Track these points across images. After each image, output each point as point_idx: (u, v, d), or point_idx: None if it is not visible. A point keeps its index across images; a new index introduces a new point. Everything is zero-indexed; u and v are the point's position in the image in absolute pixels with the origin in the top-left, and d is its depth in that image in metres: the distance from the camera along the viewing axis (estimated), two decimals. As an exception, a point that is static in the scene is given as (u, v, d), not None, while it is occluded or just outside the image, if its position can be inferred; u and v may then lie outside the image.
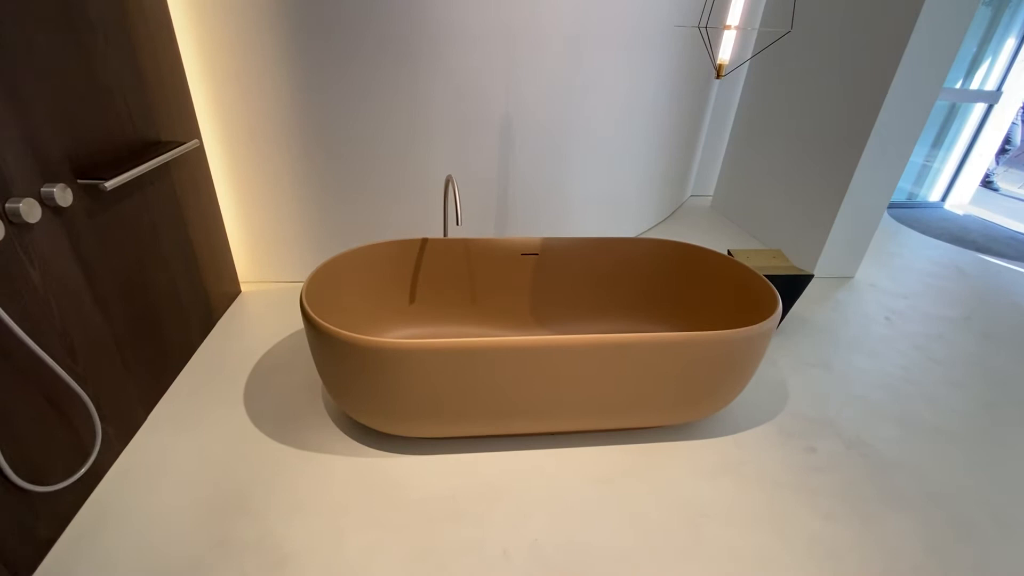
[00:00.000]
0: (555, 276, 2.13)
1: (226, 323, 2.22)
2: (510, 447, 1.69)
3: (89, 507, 1.40)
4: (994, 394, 2.11)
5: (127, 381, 1.61)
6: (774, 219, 3.27)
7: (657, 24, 2.65)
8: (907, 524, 1.51)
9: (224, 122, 2.13)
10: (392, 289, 2.03)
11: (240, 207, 2.33)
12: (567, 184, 2.76)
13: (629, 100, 2.76)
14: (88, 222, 1.42)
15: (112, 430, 1.54)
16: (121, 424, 1.58)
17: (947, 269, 3.23)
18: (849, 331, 2.49)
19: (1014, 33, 3.84)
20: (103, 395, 1.49)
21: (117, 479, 1.49)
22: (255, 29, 1.97)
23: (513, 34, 2.21)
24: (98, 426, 1.34)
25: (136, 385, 1.65)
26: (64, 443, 1.34)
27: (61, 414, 1.32)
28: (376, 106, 2.20)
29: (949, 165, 4.34)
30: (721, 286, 2.04)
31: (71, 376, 1.36)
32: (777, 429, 1.85)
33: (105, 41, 1.49)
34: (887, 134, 2.57)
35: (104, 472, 1.50)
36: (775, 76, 3.19)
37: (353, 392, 1.50)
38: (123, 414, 1.59)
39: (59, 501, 1.33)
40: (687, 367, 1.53)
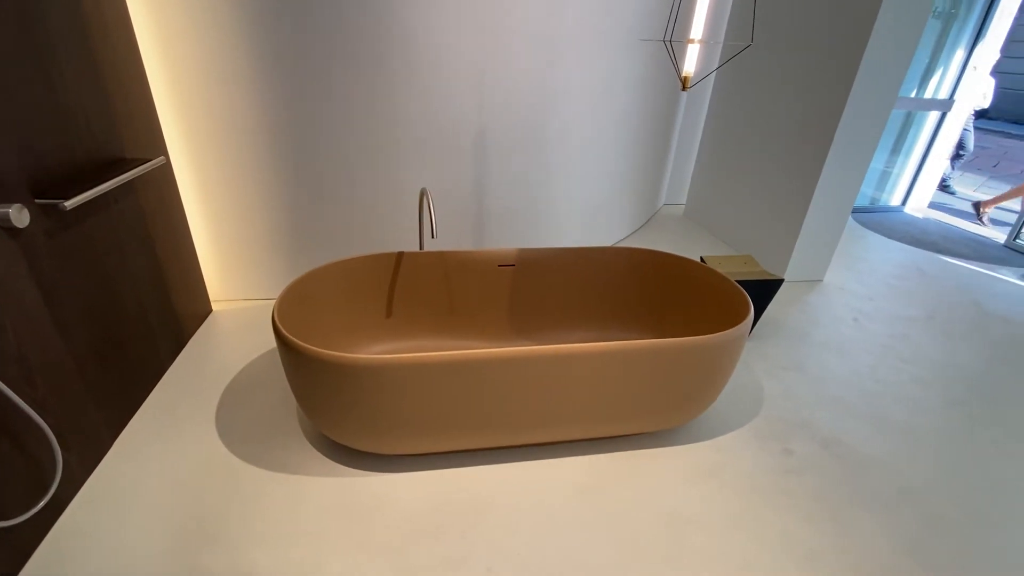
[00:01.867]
0: (532, 287, 2.13)
1: (197, 343, 2.16)
2: (491, 460, 1.67)
3: (50, 541, 1.33)
4: (959, 391, 2.18)
5: (90, 406, 1.54)
6: (745, 225, 3.35)
7: (626, 37, 2.71)
8: (882, 522, 1.55)
9: (192, 138, 2.09)
10: (368, 304, 2.01)
11: (210, 224, 2.28)
12: (542, 195, 2.78)
13: (600, 111, 2.80)
14: (47, 243, 1.37)
15: (75, 458, 1.47)
16: (85, 451, 1.52)
17: (910, 270, 3.34)
18: (820, 333, 2.55)
19: (963, 44, 4.04)
20: (65, 422, 1.43)
21: (80, 509, 1.42)
22: (223, 46, 1.95)
23: (485, 48, 2.23)
24: (59, 455, 1.29)
25: (101, 410, 1.59)
26: (22, 473, 1.27)
27: (17, 443, 1.26)
28: (348, 120, 2.19)
29: (908, 171, 4.52)
30: (695, 293, 2.07)
31: (29, 403, 1.30)
32: (754, 432, 1.88)
33: (65, 57, 1.45)
34: (848, 142, 2.67)
35: (67, 503, 1.43)
36: (741, 87, 3.29)
37: (328, 411, 1.47)
38: (87, 441, 1.53)
39: (17, 536, 1.26)
40: (664, 373, 1.55)
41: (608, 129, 2.92)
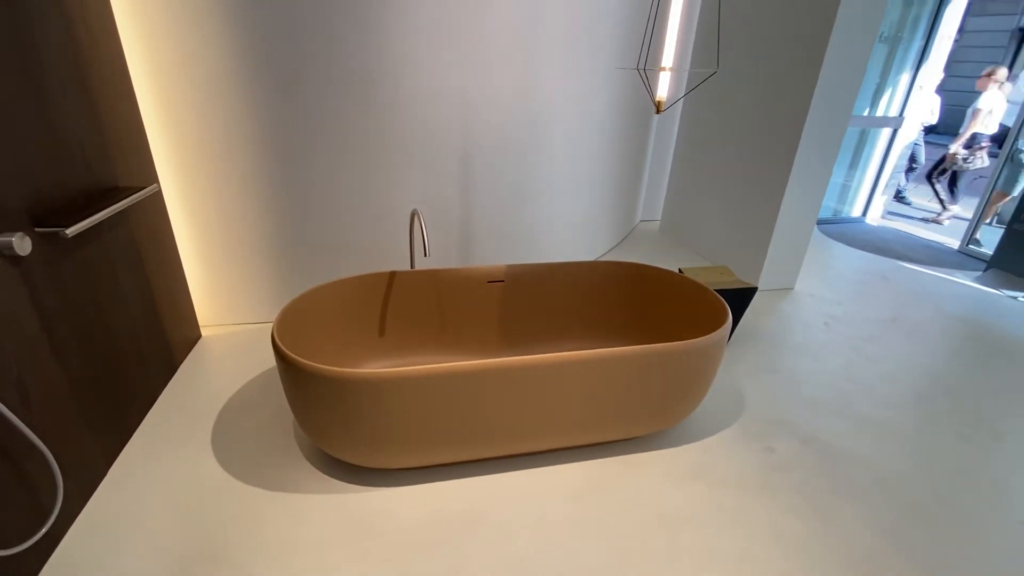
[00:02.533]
0: (521, 301, 2.20)
1: (188, 368, 2.15)
2: (487, 471, 1.71)
3: (49, 571, 1.32)
4: (924, 386, 2.31)
5: (86, 432, 1.54)
6: (718, 239, 3.51)
7: (602, 65, 2.86)
8: (861, 511, 1.63)
9: (181, 166, 2.12)
10: (361, 323, 2.05)
11: (199, 250, 2.29)
12: (525, 214, 2.87)
13: (579, 133, 2.93)
14: (46, 270, 1.39)
15: (72, 485, 1.46)
16: (82, 478, 1.51)
17: (873, 276, 3.53)
18: (794, 337, 2.67)
19: (909, 66, 4.35)
20: (62, 448, 1.42)
21: (79, 537, 1.41)
22: (215, 76, 2.01)
23: (469, 72, 2.34)
24: (59, 481, 1.28)
25: (96, 436, 1.58)
26: (19, 501, 1.26)
27: (16, 469, 1.26)
28: (334, 144, 2.26)
29: (865, 184, 4.79)
30: (675, 302, 2.17)
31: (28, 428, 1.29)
32: (739, 433, 1.96)
33: (62, 89, 1.49)
34: (809, 157, 2.85)
35: (64, 531, 1.41)
36: (708, 109, 3.48)
37: (327, 426, 1.50)
38: (83, 467, 1.52)
39: (15, 566, 1.25)
40: (652, 377, 1.62)
41: (586, 150, 3.05)
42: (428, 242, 2.14)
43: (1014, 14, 12.75)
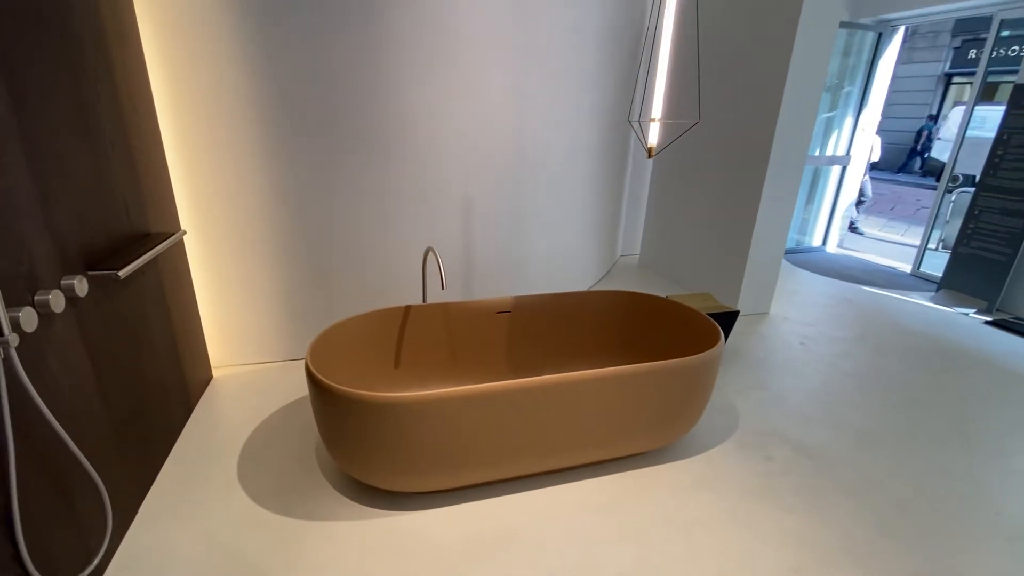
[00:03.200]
0: (526, 330, 2.34)
1: (204, 408, 2.19)
2: (512, 491, 1.80)
3: (93, 608, 1.33)
4: (895, 396, 2.53)
5: (122, 469, 1.57)
6: (696, 270, 3.76)
7: (584, 116, 3.14)
8: (855, 508, 1.79)
9: (199, 212, 2.23)
10: (378, 355, 2.14)
11: (212, 293, 2.37)
12: (519, 250, 3.05)
13: (566, 176, 3.17)
14: (95, 311, 1.47)
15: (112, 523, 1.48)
16: (118, 517, 1.53)
17: (838, 300, 3.82)
18: (775, 357, 2.88)
19: (851, 111, 4.84)
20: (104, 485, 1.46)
21: (120, 573, 1.43)
22: (232, 131, 2.15)
23: (469, 128, 2.55)
24: (109, 516, 1.32)
25: (130, 473, 1.61)
26: (67, 537, 1.30)
27: (69, 506, 1.29)
28: (345, 193, 2.40)
29: (822, 216, 5.19)
30: (668, 327, 2.35)
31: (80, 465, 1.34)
32: (737, 445, 2.11)
33: (111, 147, 1.60)
34: (774, 193, 3.14)
35: (105, 567, 1.43)
36: (680, 151, 3.80)
37: (359, 452, 1.58)
38: (119, 504, 1.54)
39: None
40: (660, 391, 1.77)
41: (571, 191, 3.28)
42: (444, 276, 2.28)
43: (939, 61, 14.17)
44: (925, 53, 14.45)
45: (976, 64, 3.85)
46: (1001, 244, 3.52)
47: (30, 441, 1.16)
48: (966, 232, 3.75)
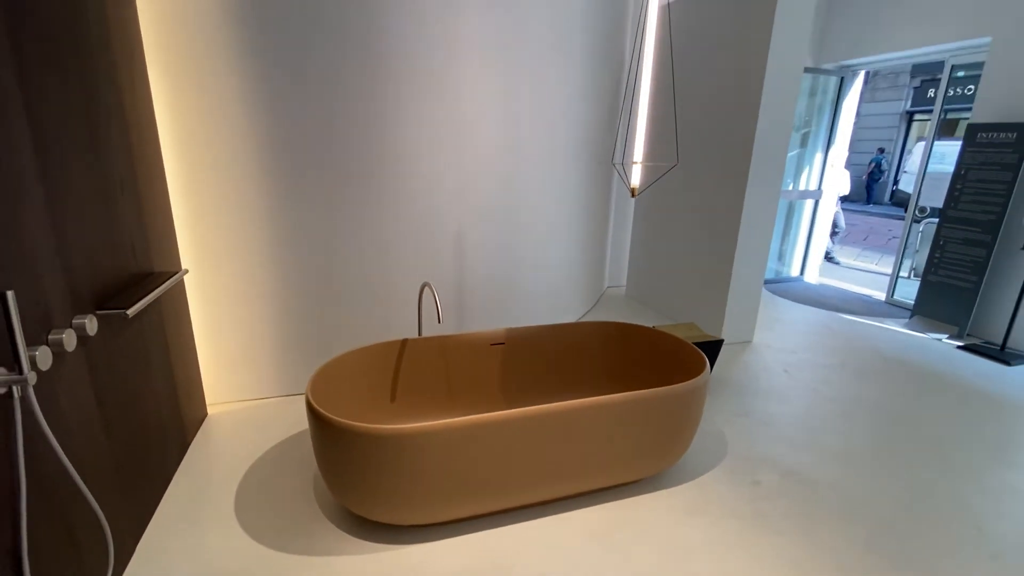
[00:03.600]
0: (520, 361, 2.40)
1: (199, 444, 2.18)
2: (510, 522, 1.82)
3: (91, 650, 1.32)
4: (876, 419, 2.62)
5: (123, 507, 1.57)
6: (680, 300, 3.87)
7: (571, 156, 3.30)
8: (841, 528, 1.84)
9: (199, 249, 2.28)
10: (375, 389, 2.18)
11: (208, 331, 2.40)
12: (509, 285, 3.14)
13: (554, 211, 3.30)
14: (102, 349, 1.50)
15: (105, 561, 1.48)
16: (118, 553, 1.52)
17: (818, 327, 3.95)
18: (760, 384, 2.97)
19: (819, 148, 5.12)
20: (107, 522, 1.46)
21: (116, 617, 1.41)
22: (233, 168, 2.24)
23: (462, 168, 2.67)
24: (111, 552, 1.33)
25: (128, 511, 1.61)
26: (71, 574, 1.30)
27: (72, 542, 1.30)
28: (341, 232, 2.48)
29: (799, 247, 5.40)
30: (655, 356, 2.43)
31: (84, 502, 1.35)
32: (727, 471, 2.16)
33: (120, 188, 1.67)
34: (752, 226, 3.30)
35: (103, 610, 1.42)
36: (662, 187, 3.97)
37: (360, 485, 1.60)
38: (120, 542, 1.54)
39: (64, 645, 1.25)
40: (648, 420, 1.83)
41: (560, 226, 3.40)
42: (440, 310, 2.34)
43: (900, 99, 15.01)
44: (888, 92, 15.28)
45: (934, 103, 4.13)
46: (966, 272, 3.71)
47: (36, 476, 1.18)
48: (933, 261, 3.94)
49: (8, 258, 1.12)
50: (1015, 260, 3.53)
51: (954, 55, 4.05)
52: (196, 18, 2.04)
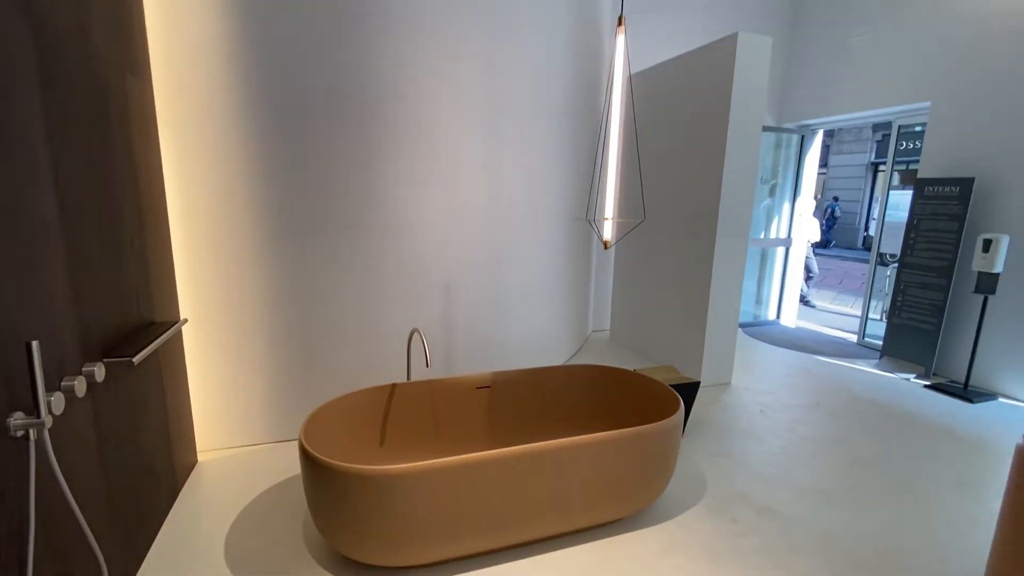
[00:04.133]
0: (505, 404, 2.50)
1: (190, 491, 2.21)
2: (496, 562, 1.87)
3: None
4: (848, 456, 2.73)
5: (116, 549, 1.60)
6: (661, 344, 4.02)
7: (553, 212, 3.51)
8: (814, 564, 1.92)
9: (196, 300, 2.39)
10: (364, 432, 2.25)
11: (200, 377, 2.47)
12: (496, 330, 3.26)
13: (537, 262, 3.47)
14: (105, 394, 1.58)
15: (97, 610, 1.50)
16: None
17: (794, 369, 4.10)
18: (738, 424, 3.07)
19: (787, 199, 5.44)
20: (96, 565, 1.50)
21: (105, 663, 1.43)
22: (232, 224, 2.38)
23: (449, 220, 2.85)
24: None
25: (122, 553, 1.64)
26: (67, 621, 1.33)
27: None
28: (331, 282, 2.62)
29: (774, 292, 5.63)
30: (634, 397, 2.54)
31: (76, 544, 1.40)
32: (705, 508, 2.24)
33: (131, 242, 1.80)
34: (723, 273, 3.50)
35: (92, 657, 1.43)
36: (640, 238, 4.20)
37: (353, 526, 1.66)
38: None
39: None
40: (624, 459, 1.93)
41: (544, 275, 3.57)
42: (429, 355, 2.45)
43: (865, 152, 15.92)
44: (853, 145, 16.21)
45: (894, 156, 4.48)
46: (927, 315, 3.92)
47: (40, 517, 1.24)
48: (896, 304, 4.16)
49: (34, 309, 1.23)
50: (969, 303, 3.76)
51: (900, 116, 4.44)
52: (205, 94, 2.24)
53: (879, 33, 4.41)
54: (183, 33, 2.17)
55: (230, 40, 2.25)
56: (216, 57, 2.23)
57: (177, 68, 2.19)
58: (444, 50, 2.67)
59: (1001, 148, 3.58)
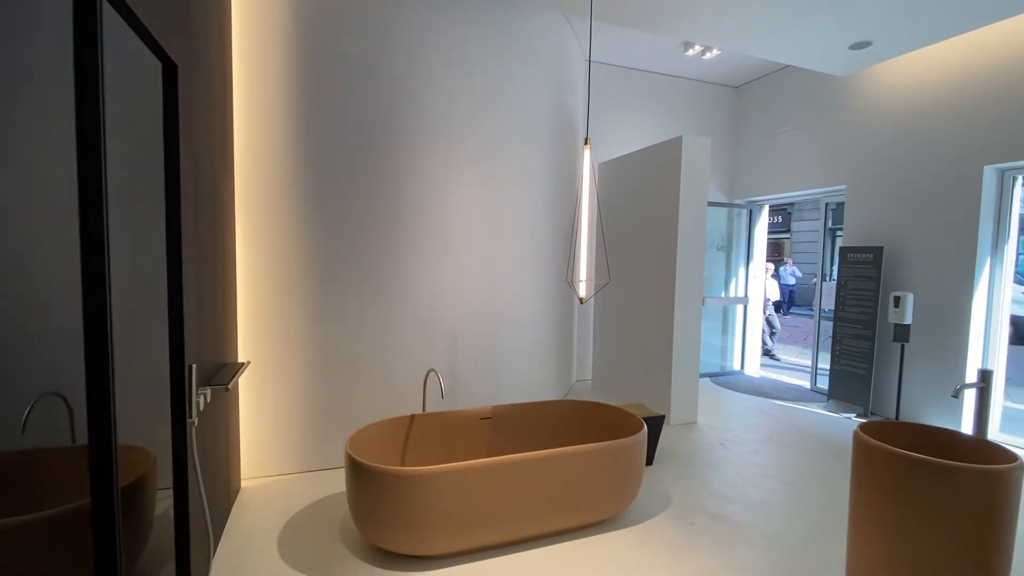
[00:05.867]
0: (503, 431, 3.00)
1: (239, 508, 2.63)
2: (500, 554, 2.32)
3: (187, 644, 1.74)
4: (793, 480, 3.24)
5: (192, 553, 2.04)
6: (636, 390, 4.56)
7: (541, 274, 4.16)
8: (756, 554, 2.40)
9: (250, 346, 2.91)
10: (388, 453, 2.72)
11: (247, 414, 2.94)
12: (495, 376, 3.80)
13: (528, 318, 4.07)
14: (202, 417, 2.09)
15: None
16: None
17: (753, 411, 4.66)
18: (701, 455, 3.58)
19: (741, 263, 6.22)
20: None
21: (201, 623, 1.83)
22: (283, 288, 2.96)
23: (456, 282, 3.47)
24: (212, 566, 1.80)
25: (194, 558, 2.07)
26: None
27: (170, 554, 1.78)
28: (360, 333, 3.17)
29: (737, 345, 6.27)
30: (609, 426, 3.07)
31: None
32: (668, 516, 2.72)
33: (219, 301, 2.36)
34: (683, 327, 4.13)
35: (192, 617, 1.84)
36: (615, 298, 4.85)
37: (387, 519, 2.13)
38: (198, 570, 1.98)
39: (173, 633, 1.69)
40: (598, 468, 2.44)
41: (534, 327, 4.16)
42: (444, 389, 2.98)
43: (819, 219, 17.25)
44: (811, 213, 17.62)
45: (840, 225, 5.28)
46: (860, 361, 4.57)
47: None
48: (835, 353, 4.81)
49: (190, 344, 1.78)
50: (891, 350, 4.42)
51: (825, 196, 5.31)
52: (270, 183, 2.89)
53: (801, 130, 5.37)
54: (260, 143, 2.85)
55: (293, 149, 2.93)
56: (282, 160, 2.91)
57: (254, 169, 2.85)
58: (456, 154, 3.40)
59: (901, 221, 4.39)
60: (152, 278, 1.54)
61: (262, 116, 2.87)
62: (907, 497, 1.57)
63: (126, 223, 1.28)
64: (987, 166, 3.86)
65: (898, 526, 1.59)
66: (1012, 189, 3.91)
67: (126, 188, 1.28)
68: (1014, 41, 3.70)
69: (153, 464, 1.48)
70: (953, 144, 4.05)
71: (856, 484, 1.78)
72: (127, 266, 1.29)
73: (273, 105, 2.89)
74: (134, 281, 1.37)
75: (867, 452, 1.71)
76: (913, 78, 4.35)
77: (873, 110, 4.65)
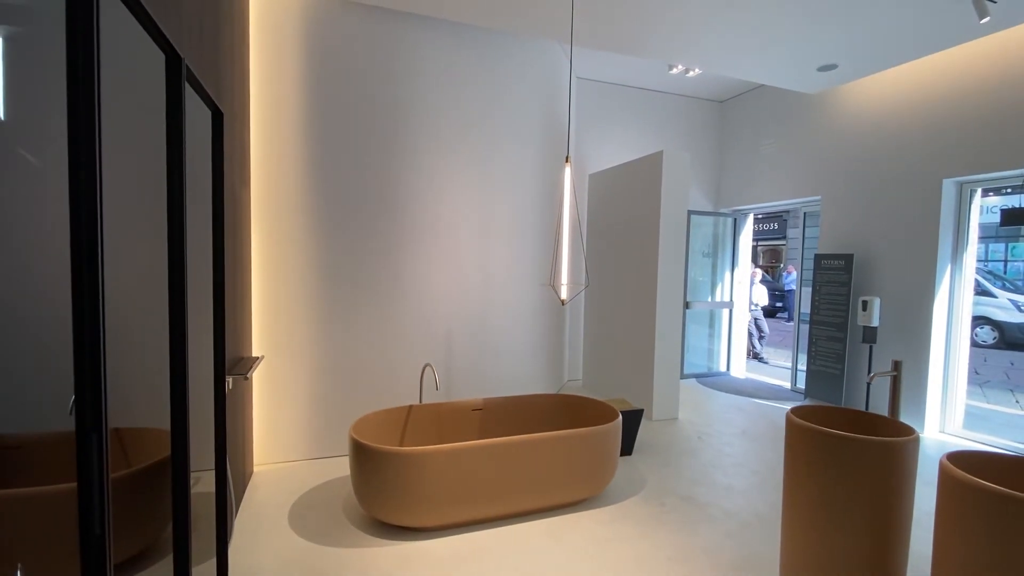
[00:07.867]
0: (493, 421, 3.28)
1: (253, 488, 2.91)
2: (486, 528, 2.60)
3: (213, 594, 2.02)
4: (759, 467, 3.52)
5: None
6: (622, 388, 4.84)
7: (530, 280, 4.46)
8: (717, 528, 2.67)
9: (262, 343, 3.21)
10: (387, 439, 3.01)
11: (258, 404, 3.23)
12: (488, 374, 4.08)
13: (521, 320, 4.36)
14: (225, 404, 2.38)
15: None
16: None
17: (732, 408, 4.93)
18: (679, 446, 3.86)
19: (727, 269, 6.50)
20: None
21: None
22: (295, 290, 3.26)
23: (451, 284, 3.76)
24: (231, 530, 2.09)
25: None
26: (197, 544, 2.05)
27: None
28: (362, 333, 3.46)
29: (723, 347, 6.55)
30: (589, 415, 3.35)
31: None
32: (642, 498, 3.00)
33: (239, 303, 2.66)
34: (664, 330, 4.41)
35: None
36: (602, 302, 5.15)
37: (387, 494, 2.41)
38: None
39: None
40: (578, 451, 2.72)
41: (523, 327, 4.45)
42: (439, 382, 3.26)
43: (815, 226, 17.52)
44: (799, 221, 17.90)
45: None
46: (833, 361, 4.85)
47: (208, 466, 2.00)
48: (811, 354, 5.09)
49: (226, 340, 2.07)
50: (861, 351, 4.70)
51: (803, 205, 5.61)
52: (283, 193, 3.20)
53: (781, 144, 5.68)
54: (274, 155, 3.16)
55: (306, 162, 3.24)
56: (294, 171, 3.21)
57: (270, 179, 3.15)
58: (452, 167, 3.71)
59: (870, 230, 4.68)
60: (203, 286, 1.84)
61: (274, 136, 3.18)
62: (827, 469, 1.85)
63: (192, 241, 1.58)
64: (946, 179, 4.15)
65: (820, 492, 1.87)
66: (970, 201, 4.20)
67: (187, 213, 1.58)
68: (970, 66, 4.00)
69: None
70: (916, 159, 4.35)
71: (788, 459, 2.06)
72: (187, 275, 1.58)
73: (284, 126, 3.20)
74: (192, 287, 1.66)
75: (793, 430, 2.00)
76: (880, 98, 4.66)
77: (845, 127, 4.95)
